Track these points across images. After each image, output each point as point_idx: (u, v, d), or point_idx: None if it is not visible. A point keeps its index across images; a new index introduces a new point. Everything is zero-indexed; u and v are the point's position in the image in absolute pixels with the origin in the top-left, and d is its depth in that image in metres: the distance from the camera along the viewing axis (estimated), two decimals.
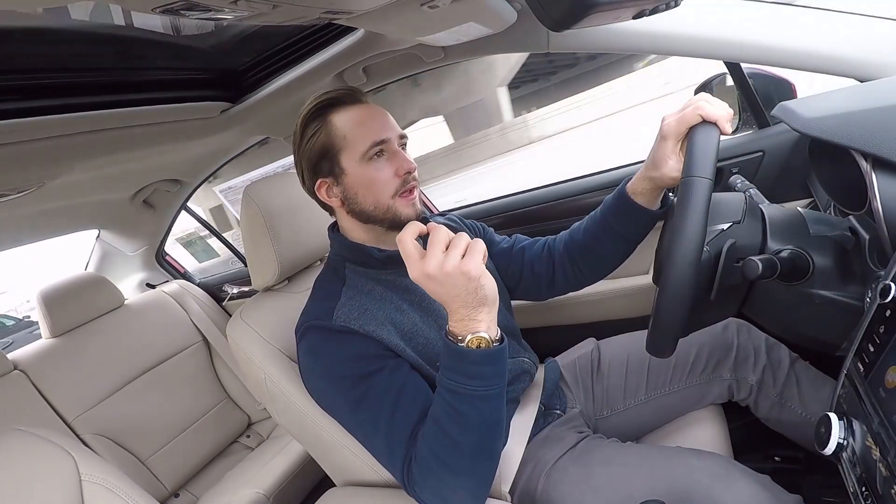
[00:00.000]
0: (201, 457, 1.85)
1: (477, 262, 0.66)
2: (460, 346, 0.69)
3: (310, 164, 0.90)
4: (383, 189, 0.87)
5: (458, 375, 0.70)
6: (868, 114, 0.69)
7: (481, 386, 0.70)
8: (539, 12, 0.69)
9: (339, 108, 0.88)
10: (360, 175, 0.87)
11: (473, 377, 0.70)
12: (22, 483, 0.59)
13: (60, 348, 1.75)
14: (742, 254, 0.71)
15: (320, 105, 0.88)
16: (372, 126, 0.87)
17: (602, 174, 1.56)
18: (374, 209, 0.88)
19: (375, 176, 0.87)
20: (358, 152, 0.86)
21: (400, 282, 0.92)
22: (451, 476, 0.72)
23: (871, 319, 0.58)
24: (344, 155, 0.87)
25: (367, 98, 0.92)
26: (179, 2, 0.54)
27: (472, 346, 0.69)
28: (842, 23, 0.95)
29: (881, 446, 0.53)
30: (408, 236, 0.68)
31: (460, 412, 0.70)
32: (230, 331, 1.01)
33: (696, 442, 0.97)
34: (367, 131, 0.86)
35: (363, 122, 0.87)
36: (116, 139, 1.17)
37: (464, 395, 0.70)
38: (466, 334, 0.69)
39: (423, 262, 0.67)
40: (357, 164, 0.87)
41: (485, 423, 0.72)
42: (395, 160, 0.88)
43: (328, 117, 0.88)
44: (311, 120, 0.89)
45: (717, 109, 0.74)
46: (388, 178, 0.87)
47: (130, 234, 2.16)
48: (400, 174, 0.87)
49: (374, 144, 0.86)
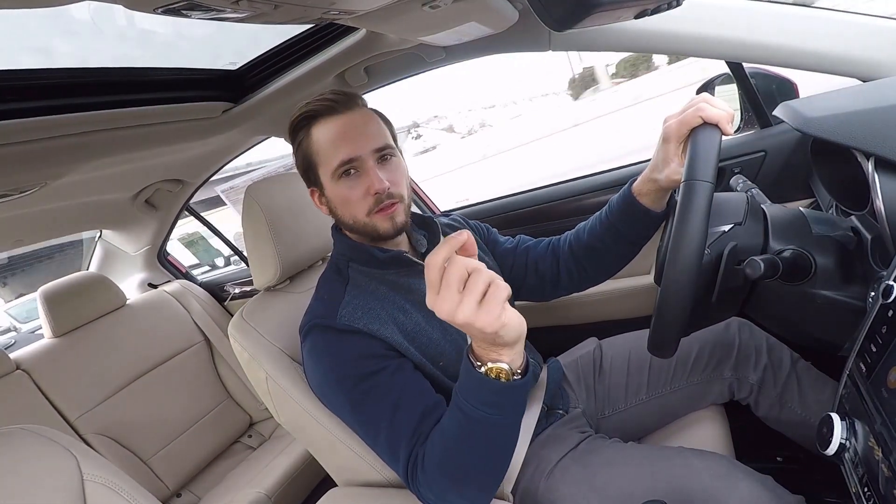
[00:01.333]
0: (203, 457, 1.85)
1: (494, 314, 0.56)
2: (479, 372, 0.64)
3: (301, 171, 0.93)
4: (357, 207, 0.87)
5: (473, 399, 0.66)
6: (870, 113, 0.69)
7: (496, 414, 0.67)
8: (541, 12, 0.69)
9: (317, 121, 0.88)
10: (334, 192, 0.88)
11: (490, 405, 0.66)
12: (24, 482, 0.59)
13: (63, 348, 1.76)
14: (744, 256, 0.71)
15: (302, 116, 0.89)
16: (341, 144, 0.85)
17: (604, 174, 1.56)
18: (353, 223, 0.89)
19: (347, 195, 0.87)
20: (329, 169, 0.87)
21: (403, 282, 0.92)
22: (455, 486, 0.72)
23: (874, 320, 0.58)
24: (321, 170, 0.88)
25: (360, 102, 0.90)
26: (181, 2, 0.54)
27: (491, 374, 0.64)
28: (844, 22, 0.95)
29: (883, 447, 0.53)
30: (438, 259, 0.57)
31: (471, 433, 0.69)
32: (232, 330, 1.01)
33: (698, 442, 0.97)
34: (336, 150, 0.85)
35: (334, 140, 0.86)
36: (118, 139, 1.18)
37: (477, 420, 0.67)
38: (487, 362, 0.64)
39: (436, 301, 0.57)
40: (330, 181, 0.88)
41: (495, 448, 0.71)
42: (365, 179, 0.86)
43: (310, 129, 0.88)
44: (297, 130, 0.90)
45: (718, 111, 0.73)
46: (358, 198, 0.86)
47: (132, 234, 2.16)
48: (371, 193, 0.86)
49: (342, 163, 0.85)
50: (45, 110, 0.95)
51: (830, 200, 0.97)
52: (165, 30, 1.08)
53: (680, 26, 0.99)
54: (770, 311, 0.83)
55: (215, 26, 0.99)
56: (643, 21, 0.86)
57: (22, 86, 0.94)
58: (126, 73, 1.11)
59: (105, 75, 1.07)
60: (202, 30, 1.12)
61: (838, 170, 0.78)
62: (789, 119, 0.78)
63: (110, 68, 1.08)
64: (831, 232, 0.75)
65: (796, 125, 0.75)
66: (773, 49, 0.97)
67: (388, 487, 0.92)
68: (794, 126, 0.76)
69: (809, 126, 0.73)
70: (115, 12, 0.92)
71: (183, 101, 1.22)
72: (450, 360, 0.89)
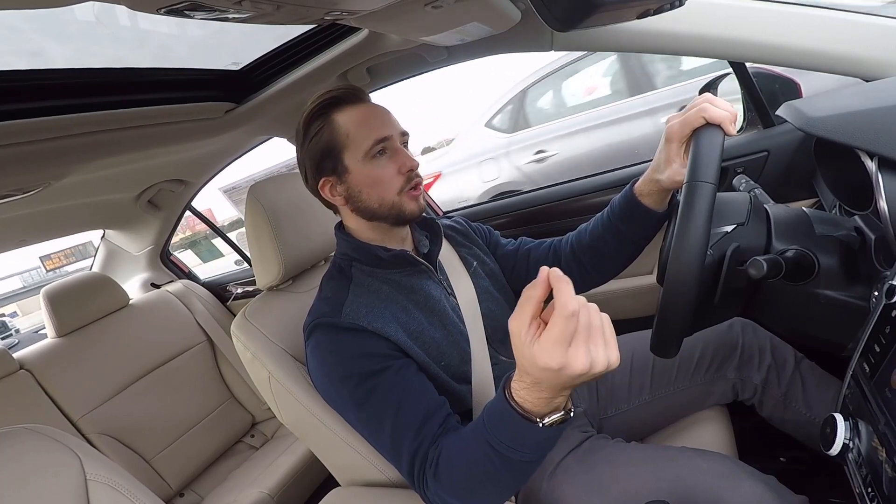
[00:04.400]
0: (206, 456, 1.86)
1: (615, 353, 0.55)
2: (535, 423, 0.60)
3: (313, 163, 0.91)
4: (388, 186, 0.88)
5: (514, 442, 0.63)
6: (873, 113, 0.68)
7: (533, 454, 0.65)
8: (543, 12, 0.69)
9: (341, 107, 0.89)
10: (363, 173, 0.88)
11: (532, 448, 0.64)
12: (27, 482, 0.59)
13: (66, 348, 1.76)
14: (746, 256, 0.71)
15: (323, 104, 0.89)
16: (374, 124, 0.88)
17: (606, 174, 1.56)
18: (379, 206, 0.89)
19: (379, 174, 0.88)
20: (361, 150, 0.87)
21: (405, 282, 0.92)
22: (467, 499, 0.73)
23: (877, 320, 0.58)
24: (347, 153, 0.88)
25: (369, 97, 0.93)
26: (184, 2, 0.54)
27: (542, 421, 0.60)
28: (847, 22, 0.95)
29: (887, 447, 0.53)
30: (576, 305, 0.54)
31: (498, 469, 0.67)
32: (235, 330, 1.01)
33: (701, 442, 0.97)
34: (369, 129, 0.87)
35: (365, 121, 0.88)
36: (121, 139, 1.18)
37: (510, 459, 0.65)
38: (549, 413, 0.60)
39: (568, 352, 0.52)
40: (360, 163, 0.88)
41: (519, 479, 0.71)
42: (398, 158, 0.89)
43: (331, 116, 0.88)
44: (314, 119, 0.89)
45: (720, 111, 0.73)
46: (392, 176, 0.88)
47: (135, 234, 2.17)
48: (403, 171, 0.88)
49: (376, 142, 0.87)
50: (48, 111, 0.95)
51: (834, 200, 0.97)
52: (166, 30, 1.08)
53: (682, 26, 0.99)
54: (773, 312, 0.82)
55: (216, 27, 0.99)
56: (645, 21, 0.86)
57: (25, 86, 0.94)
58: (129, 73, 1.11)
59: (108, 76, 1.07)
60: (202, 31, 1.12)
61: (842, 170, 0.78)
62: (792, 119, 0.78)
63: (113, 69, 1.08)
64: (835, 232, 0.74)
65: (799, 125, 0.75)
66: (776, 49, 0.97)
67: (390, 487, 0.92)
68: (797, 126, 0.76)
69: (812, 126, 0.73)
70: (117, 14, 0.92)
71: (186, 101, 1.22)
72: (451, 360, 0.89)
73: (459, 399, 0.88)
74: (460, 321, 0.94)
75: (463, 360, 0.91)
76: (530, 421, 0.60)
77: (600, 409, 1.10)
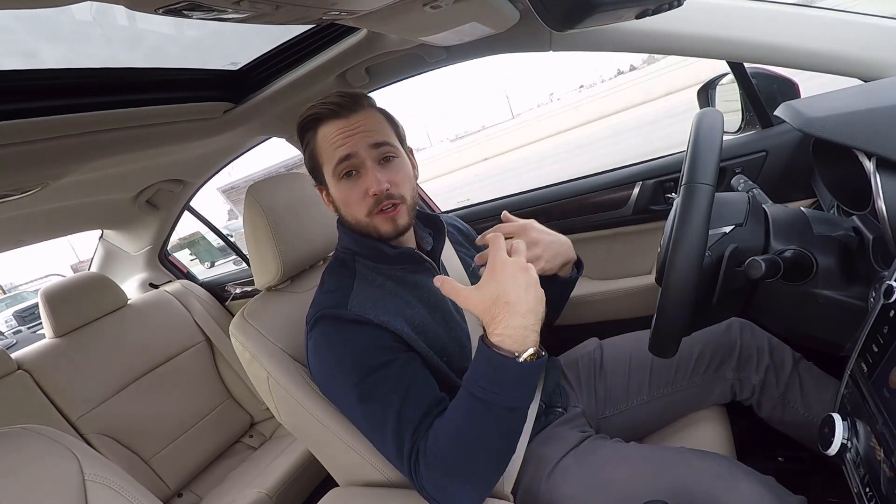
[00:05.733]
0: (204, 457, 1.86)
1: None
2: (512, 358, 0.68)
3: (309, 171, 0.94)
4: (357, 208, 0.88)
5: (495, 386, 0.69)
6: (872, 113, 0.68)
7: (515, 397, 0.70)
8: (542, 12, 0.69)
9: (320, 123, 0.89)
10: (335, 192, 0.90)
11: (514, 387, 0.70)
12: (25, 482, 0.59)
13: (64, 348, 1.76)
14: (745, 257, 0.71)
15: (307, 119, 0.90)
16: (337, 142, 0.86)
17: (605, 174, 1.56)
18: (356, 223, 0.90)
19: (347, 195, 0.88)
20: (330, 170, 0.88)
21: (409, 278, 0.92)
22: (459, 477, 0.73)
23: (875, 320, 0.58)
24: (324, 170, 0.90)
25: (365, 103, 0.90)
26: (182, 2, 0.54)
27: (529, 359, 0.69)
28: (845, 22, 0.95)
29: (885, 447, 0.53)
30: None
31: (485, 421, 0.71)
32: (233, 330, 1.01)
33: (699, 442, 0.97)
34: (333, 148, 0.87)
35: (332, 140, 0.87)
36: (120, 139, 1.18)
37: (495, 406, 0.69)
38: (526, 348, 0.69)
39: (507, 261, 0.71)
40: (333, 182, 0.89)
41: (507, 434, 0.74)
42: (364, 180, 0.86)
43: (315, 130, 0.90)
44: (304, 130, 0.91)
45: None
46: (358, 198, 0.87)
47: (134, 234, 2.17)
48: (369, 194, 0.86)
49: (339, 161, 0.86)
50: (47, 111, 0.95)
51: (832, 200, 0.97)
52: (164, 31, 1.08)
53: (681, 26, 0.99)
54: (772, 312, 0.82)
55: (212, 27, 0.99)
56: (644, 21, 0.86)
57: (24, 86, 0.94)
58: (128, 73, 1.11)
59: (107, 76, 1.07)
60: (198, 31, 1.12)
61: (840, 170, 0.78)
62: (790, 119, 0.78)
63: (112, 69, 1.08)
64: (833, 232, 0.75)
65: (798, 125, 0.75)
66: (775, 49, 0.97)
67: (389, 487, 0.92)
68: (796, 126, 0.76)
69: (811, 126, 0.73)
70: (115, 14, 0.92)
71: (184, 101, 1.22)
72: (453, 355, 0.90)
73: None
74: (461, 318, 0.95)
75: (464, 356, 0.91)
76: (507, 356, 0.68)
77: (599, 409, 1.10)
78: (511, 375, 0.69)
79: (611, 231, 1.57)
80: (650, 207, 1.46)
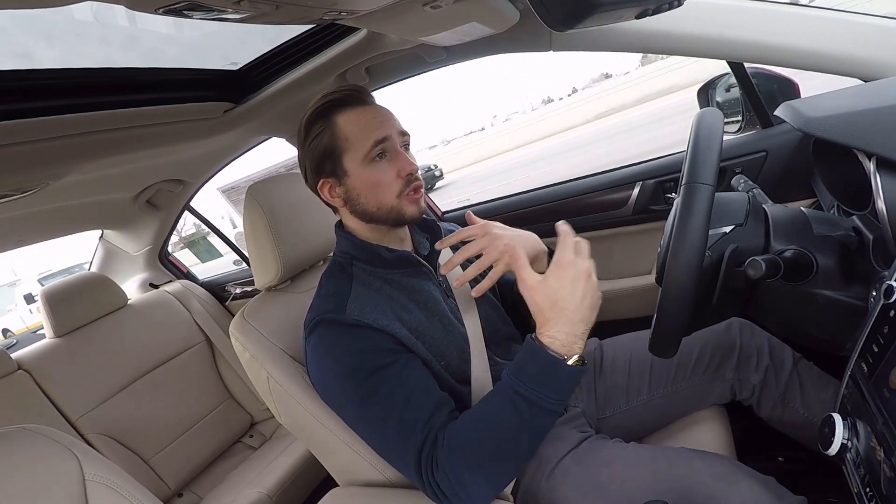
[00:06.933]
0: (204, 457, 1.86)
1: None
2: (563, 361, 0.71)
3: (313, 164, 0.91)
4: (387, 190, 0.88)
5: (541, 387, 0.72)
6: (872, 113, 0.68)
7: (559, 401, 0.73)
8: (542, 12, 0.69)
9: (343, 109, 0.88)
10: (363, 177, 0.88)
11: (558, 390, 0.72)
12: (26, 482, 0.59)
13: (64, 348, 1.76)
14: (745, 257, 0.71)
15: (325, 105, 0.89)
16: (373, 125, 0.87)
17: (604, 174, 1.56)
18: (378, 209, 0.89)
19: (378, 177, 0.88)
20: (360, 153, 0.87)
21: (406, 282, 0.92)
22: (482, 471, 0.73)
23: (876, 320, 0.58)
24: (347, 156, 0.88)
25: (372, 98, 0.92)
26: (182, 2, 0.54)
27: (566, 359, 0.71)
28: (845, 22, 0.95)
29: (885, 447, 0.53)
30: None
31: (523, 419, 0.72)
32: (233, 330, 1.01)
33: (699, 442, 0.97)
34: (368, 131, 0.87)
35: (365, 123, 0.88)
36: (120, 139, 1.18)
37: (536, 406, 0.72)
38: (573, 354, 0.71)
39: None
40: (360, 166, 0.88)
41: (537, 435, 0.76)
42: (398, 161, 0.88)
43: (332, 118, 0.88)
44: (316, 120, 0.89)
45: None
46: (391, 180, 0.88)
47: (134, 234, 2.17)
48: (402, 175, 0.88)
49: (375, 144, 0.86)
50: (47, 111, 0.95)
51: (832, 200, 0.97)
52: (163, 31, 1.08)
53: (681, 26, 0.99)
54: (772, 312, 0.82)
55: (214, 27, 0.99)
56: (644, 21, 0.86)
57: (24, 86, 0.94)
58: (128, 73, 1.11)
59: (107, 76, 1.07)
60: (197, 31, 1.12)
61: (840, 170, 0.78)
62: (791, 119, 0.78)
63: (112, 69, 1.08)
64: (833, 232, 0.75)
65: (798, 125, 0.75)
66: (775, 49, 0.97)
67: (389, 487, 0.92)
68: (796, 126, 0.76)
69: (811, 126, 0.73)
70: (115, 14, 0.92)
71: (184, 101, 1.22)
72: (451, 359, 0.90)
73: (460, 398, 0.88)
74: (459, 322, 0.95)
75: (462, 360, 0.91)
76: (559, 359, 0.71)
77: (599, 410, 1.10)
78: (559, 378, 0.72)
79: (611, 231, 1.57)
80: (650, 207, 1.46)
